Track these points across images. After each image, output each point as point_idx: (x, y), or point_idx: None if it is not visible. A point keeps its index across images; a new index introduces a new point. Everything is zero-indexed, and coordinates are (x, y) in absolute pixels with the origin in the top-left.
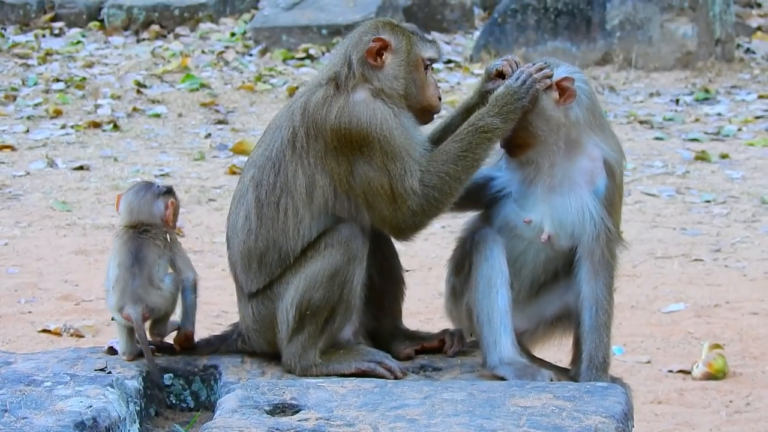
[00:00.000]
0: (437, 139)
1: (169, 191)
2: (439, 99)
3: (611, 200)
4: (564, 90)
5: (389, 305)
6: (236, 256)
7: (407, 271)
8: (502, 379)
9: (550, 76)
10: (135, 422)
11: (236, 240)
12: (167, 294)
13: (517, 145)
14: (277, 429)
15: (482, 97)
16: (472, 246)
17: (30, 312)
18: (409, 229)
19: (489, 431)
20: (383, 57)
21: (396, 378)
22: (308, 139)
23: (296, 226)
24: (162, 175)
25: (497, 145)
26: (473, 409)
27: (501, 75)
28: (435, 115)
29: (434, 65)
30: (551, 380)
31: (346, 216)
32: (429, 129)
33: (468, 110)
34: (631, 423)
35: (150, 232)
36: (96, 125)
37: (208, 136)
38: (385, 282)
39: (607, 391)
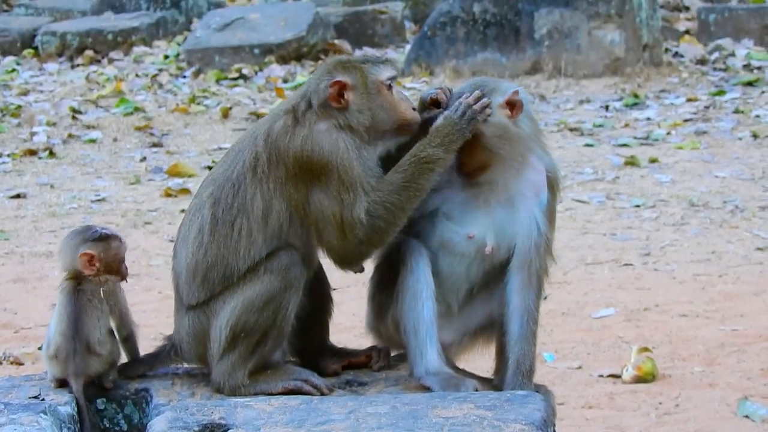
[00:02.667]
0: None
1: (100, 238)
2: (414, 109)
3: (552, 211)
4: (513, 104)
5: (317, 323)
6: (182, 267)
7: (335, 290)
8: (428, 389)
9: (488, 105)
10: None
11: (185, 251)
12: (108, 358)
13: (476, 168)
14: None
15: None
16: (398, 259)
17: None
18: (354, 258)
19: None
20: (345, 97)
21: (322, 394)
22: (269, 165)
23: (248, 247)
24: (98, 200)
25: (448, 171)
26: (396, 422)
27: (436, 103)
28: (415, 126)
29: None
30: (476, 390)
31: (297, 242)
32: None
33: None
34: (552, 429)
35: (85, 286)
36: (32, 153)
37: (144, 159)
38: (314, 300)
39: (527, 399)
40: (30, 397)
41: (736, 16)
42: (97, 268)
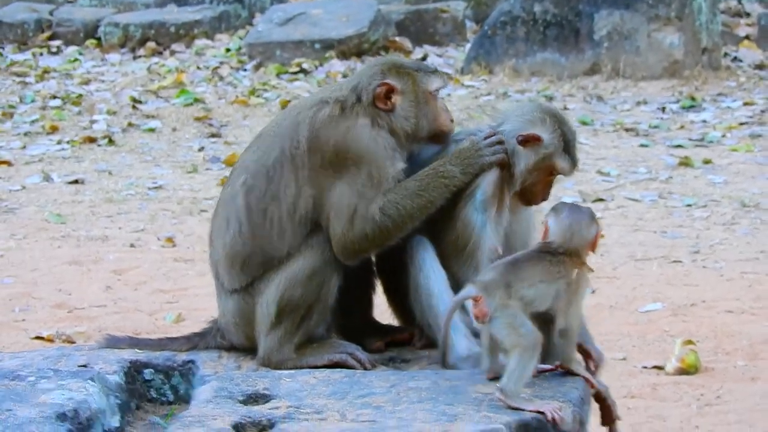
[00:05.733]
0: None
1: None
2: (452, 121)
3: None
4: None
5: (361, 299)
6: (219, 256)
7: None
8: None
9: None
10: (115, 414)
11: (221, 241)
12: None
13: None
14: (249, 417)
15: None
16: (405, 257)
17: (24, 320)
18: (354, 251)
19: (450, 416)
20: (392, 100)
21: (365, 369)
22: (309, 153)
23: (281, 235)
24: (155, 188)
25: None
26: (437, 396)
27: None
28: (450, 137)
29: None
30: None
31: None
32: None
33: None
34: (588, 408)
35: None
36: (91, 140)
37: (202, 149)
38: (358, 275)
39: (565, 378)
40: (79, 366)
41: None
42: None
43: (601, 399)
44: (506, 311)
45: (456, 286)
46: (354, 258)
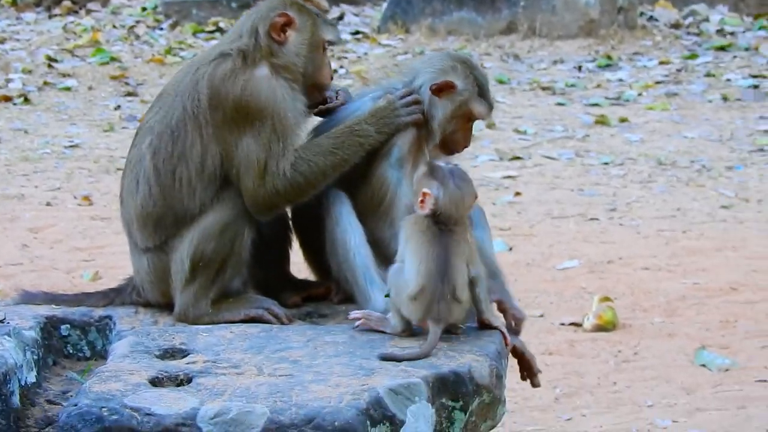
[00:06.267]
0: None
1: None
2: (331, 78)
3: None
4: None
5: (277, 254)
6: (131, 216)
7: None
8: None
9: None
10: (32, 370)
11: (132, 203)
12: (466, 306)
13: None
14: (166, 372)
15: None
16: (321, 211)
17: None
18: (265, 206)
19: (368, 370)
20: (287, 33)
21: (282, 324)
22: (210, 110)
23: (191, 194)
24: (71, 146)
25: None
26: (354, 350)
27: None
28: (324, 95)
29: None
30: None
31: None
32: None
33: None
34: (505, 361)
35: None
36: (7, 99)
37: (118, 107)
38: (273, 230)
39: (482, 332)
40: None
41: None
42: None
43: (519, 353)
44: None
45: (372, 241)
46: (266, 213)
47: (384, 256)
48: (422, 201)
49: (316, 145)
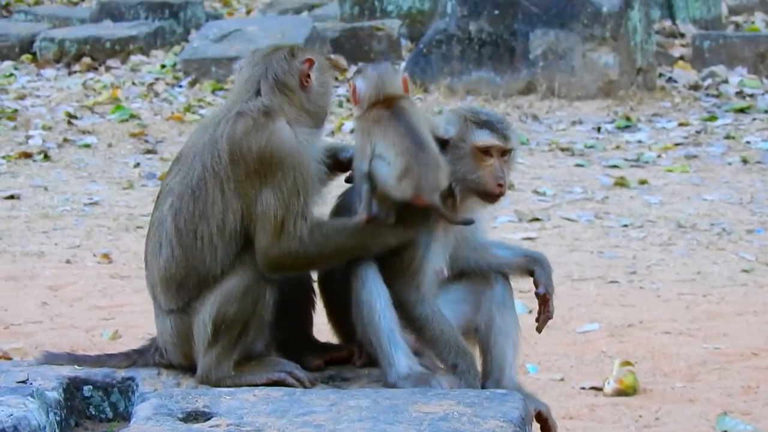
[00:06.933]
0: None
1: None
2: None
3: None
4: None
5: (300, 316)
6: (155, 279)
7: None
8: None
9: None
10: (55, 431)
11: (155, 265)
12: (446, 170)
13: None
14: None
15: None
16: (347, 272)
17: None
18: (275, 265)
19: None
20: (311, 77)
21: (305, 387)
22: (232, 165)
23: (212, 254)
24: (91, 204)
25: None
26: (377, 415)
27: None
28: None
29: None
30: (442, 383)
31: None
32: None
33: None
34: (529, 428)
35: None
36: (27, 156)
37: (137, 165)
38: (296, 293)
39: (506, 398)
40: (18, 381)
41: (730, 44)
42: None
43: (543, 419)
44: None
45: (397, 304)
46: (275, 272)
47: (409, 319)
48: (352, 95)
49: (341, 224)
